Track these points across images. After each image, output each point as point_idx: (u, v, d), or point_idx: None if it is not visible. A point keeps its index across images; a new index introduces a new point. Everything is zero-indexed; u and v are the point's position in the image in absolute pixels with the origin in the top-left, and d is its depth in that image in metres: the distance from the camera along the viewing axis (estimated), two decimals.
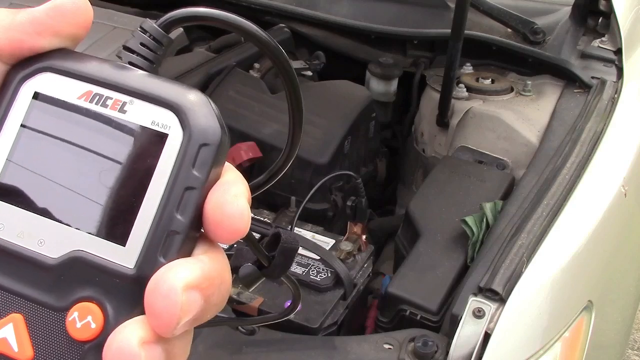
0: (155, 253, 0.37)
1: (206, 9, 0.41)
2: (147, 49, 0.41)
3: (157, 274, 0.36)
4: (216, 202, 0.37)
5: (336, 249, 1.33)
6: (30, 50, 0.40)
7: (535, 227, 1.19)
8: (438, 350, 1.05)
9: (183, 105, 0.38)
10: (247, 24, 0.41)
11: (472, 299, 1.06)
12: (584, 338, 1.19)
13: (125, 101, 0.39)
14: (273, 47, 0.41)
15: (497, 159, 1.60)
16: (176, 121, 0.38)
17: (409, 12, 1.97)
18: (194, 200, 0.37)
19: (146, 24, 0.41)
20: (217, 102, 1.29)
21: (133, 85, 0.39)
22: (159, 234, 0.37)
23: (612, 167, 1.43)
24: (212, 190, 0.38)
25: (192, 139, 0.38)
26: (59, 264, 0.38)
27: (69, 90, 0.40)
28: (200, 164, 0.38)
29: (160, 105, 0.39)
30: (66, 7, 0.39)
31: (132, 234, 0.38)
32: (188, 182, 0.37)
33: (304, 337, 1.14)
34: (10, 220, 0.39)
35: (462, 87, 1.71)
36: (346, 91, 1.75)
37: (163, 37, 0.42)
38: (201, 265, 0.37)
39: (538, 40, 1.77)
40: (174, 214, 0.37)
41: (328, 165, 1.55)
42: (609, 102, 1.57)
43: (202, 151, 0.38)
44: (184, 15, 0.42)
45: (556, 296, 1.17)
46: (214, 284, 0.37)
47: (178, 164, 0.38)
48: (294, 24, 1.97)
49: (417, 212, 1.42)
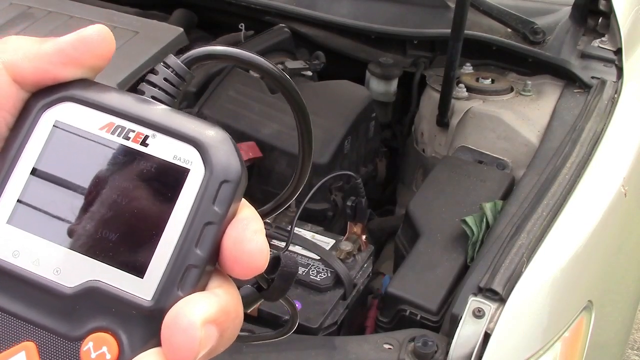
0: (174, 286, 0.37)
1: (228, 48, 0.42)
2: (170, 84, 0.42)
3: (175, 307, 0.36)
4: (235, 238, 0.38)
5: (336, 249, 1.33)
6: (53, 80, 0.40)
7: (535, 227, 1.19)
8: (438, 350, 1.05)
9: (205, 141, 0.39)
10: (262, 61, 0.42)
11: (472, 299, 1.06)
12: (584, 338, 1.19)
13: (148, 135, 0.39)
14: (288, 85, 0.42)
15: (497, 159, 1.60)
16: (198, 157, 0.39)
17: (409, 12, 1.97)
18: (213, 236, 0.38)
19: (170, 59, 0.42)
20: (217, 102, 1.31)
21: (156, 120, 0.39)
22: (177, 267, 0.37)
23: (612, 167, 1.43)
24: (230, 226, 0.38)
25: (213, 175, 0.38)
26: (75, 294, 0.38)
27: (90, 121, 0.40)
28: (221, 200, 0.38)
29: (182, 141, 0.39)
30: (92, 39, 0.40)
31: (151, 266, 0.38)
32: (208, 218, 0.38)
33: (304, 337, 1.14)
34: (27, 248, 0.39)
35: (462, 87, 1.71)
36: (346, 91, 1.75)
37: (186, 74, 0.42)
38: (217, 299, 0.37)
39: (538, 40, 1.77)
40: (193, 248, 0.38)
41: (328, 165, 1.55)
42: (609, 102, 1.57)
43: (223, 188, 0.38)
44: (206, 54, 0.42)
45: (556, 296, 1.17)
46: (229, 318, 0.38)
47: (199, 199, 0.38)
48: (294, 24, 1.97)
49: (417, 212, 1.42)
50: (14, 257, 0.39)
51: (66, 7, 2.00)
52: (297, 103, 0.43)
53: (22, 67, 0.40)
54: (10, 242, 0.39)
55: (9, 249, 0.39)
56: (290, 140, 1.56)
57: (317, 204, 1.54)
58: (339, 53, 1.96)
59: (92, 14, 1.96)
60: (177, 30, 1.92)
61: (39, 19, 1.95)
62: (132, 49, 1.77)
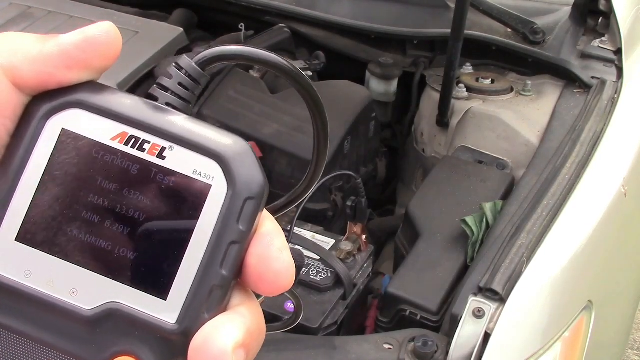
0: (199, 308, 0.36)
1: (243, 48, 0.39)
2: (184, 88, 0.39)
3: (203, 332, 0.35)
4: (261, 256, 0.37)
5: (336, 249, 1.33)
6: (57, 84, 0.37)
7: (535, 227, 1.19)
8: (438, 350, 1.05)
9: (227, 155, 0.37)
10: (277, 59, 0.39)
11: (472, 299, 1.06)
12: (584, 338, 1.19)
13: (165, 147, 0.37)
14: (304, 82, 0.40)
15: (497, 159, 1.60)
16: (220, 172, 0.36)
17: (409, 12, 1.97)
18: (238, 255, 0.36)
19: (183, 61, 0.39)
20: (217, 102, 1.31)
21: (173, 130, 0.37)
22: (202, 289, 0.36)
23: (612, 167, 1.43)
24: (254, 243, 0.37)
25: (237, 192, 0.36)
26: (94, 316, 0.36)
27: (101, 131, 0.37)
28: (245, 218, 0.36)
29: (202, 154, 0.37)
30: (99, 39, 0.37)
31: (174, 287, 0.36)
32: (232, 237, 0.36)
33: (304, 337, 1.14)
34: (39, 267, 0.36)
35: (462, 87, 1.71)
36: (346, 91, 1.75)
37: (201, 76, 0.39)
38: (244, 320, 0.36)
39: (538, 40, 1.77)
40: (218, 269, 0.36)
41: (328, 165, 1.55)
42: (609, 102, 1.57)
43: (247, 205, 0.36)
44: (221, 54, 0.39)
45: (556, 296, 1.17)
46: (256, 339, 0.37)
47: (222, 217, 0.36)
48: (294, 24, 1.97)
49: (417, 212, 1.42)
50: (25, 277, 0.36)
51: (66, 7, 2.00)
52: (313, 100, 0.41)
53: (23, 71, 0.37)
54: (21, 261, 0.36)
55: (19, 269, 0.36)
56: (290, 140, 1.56)
57: (317, 204, 1.54)
58: (339, 53, 1.95)
59: (92, 14, 1.96)
60: (177, 30, 1.92)
61: (39, 19, 1.95)
62: (132, 49, 1.77)
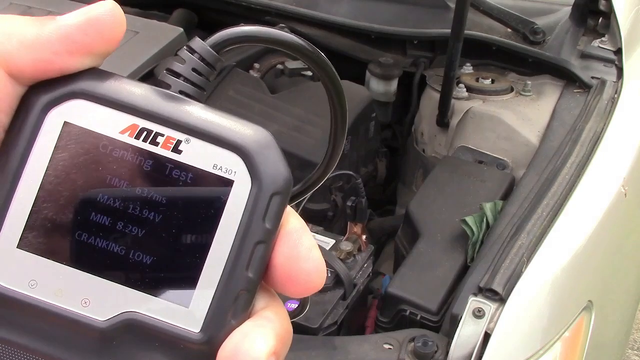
0: (225, 315, 0.33)
1: (260, 28, 0.36)
2: (198, 74, 0.35)
3: (232, 341, 0.32)
4: (289, 256, 0.34)
5: (336, 249, 1.33)
6: (58, 72, 0.33)
7: (535, 227, 1.19)
8: (438, 350, 1.05)
9: (250, 147, 0.34)
10: (295, 39, 0.37)
11: (472, 299, 1.06)
12: (584, 338, 1.19)
13: (180, 139, 0.33)
14: (323, 63, 0.38)
15: (497, 159, 1.60)
16: (243, 166, 0.33)
17: (409, 12, 1.97)
18: (264, 255, 0.33)
19: (196, 43, 0.35)
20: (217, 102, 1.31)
21: (188, 121, 0.33)
22: (228, 294, 0.33)
23: (612, 167, 1.43)
24: (281, 242, 0.34)
25: (263, 188, 0.33)
26: (110, 328, 0.33)
27: (108, 123, 0.33)
28: (272, 216, 0.33)
29: (222, 147, 0.33)
30: (104, 21, 0.33)
31: (197, 293, 0.33)
32: (259, 236, 0.33)
33: (304, 337, 1.14)
34: (45, 277, 0.33)
35: (462, 87, 1.71)
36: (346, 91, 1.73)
37: (216, 61, 0.36)
38: (272, 326, 0.33)
39: (538, 40, 1.77)
40: (244, 271, 0.33)
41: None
42: (609, 102, 1.57)
43: (273, 201, 0.33)
44: (238, 35, 0.36)
45: (556, 296, 1.17)
46: (286, 343, 0.34)
47: (247, 215, 0.33)
48: (294, 24, 1.97)
49: (417, 212, 1.42)
50: (30, 287, 0.33)
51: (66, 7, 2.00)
52: (331, 81, 0.38)
53: (19, 58, 0.32)
54: (25, 270, 0.33)
55: (23, 279, 0.33)
56: (290, 140, 1.56)
57: (317, 204, 1.54)
58: (339, 53, 1.96)
59: None
60: (177, 30, 1.92)
61: None
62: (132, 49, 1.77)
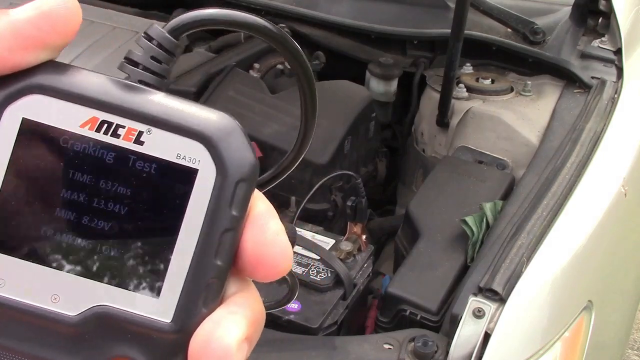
0: (196, 303, 0.33)
1: (219, 11, 0.36)
2: (157, 62, 0.35)
3: (204, 329, 0.33)
4: (256, 241, 0.34)
5: (336, 249, 1.33)
6: (11, 68, 0.33)
7: (535, 227, 1.19)
8: (438, 350, 1.05)
9: (213, 134, 0.33)
10: (257, 20, 0.36)
11: (472, 299, 1.06)
12: (584, 338, 1.19)
13: (142, 130, 0.33)
14: (290, 45, 0.38)
15: (497, 159, 1.60)
16: (207, 154, 0.33)
17: (409, 12, 1.97)
18: (232, 242, 0.34)
19: (153, 30, 0.35)
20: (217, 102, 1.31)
21: (149, 111, 0.33)
22: (197, 282, 0.33)
23: (612, 167, 1.43)
24: (248, 228, 0.34)
25: (228, 175, 0.33)
26: (81, 322, 0.33)
27: (67, 117, 0.33)
28: (238, 203, 0.33)
29: (185, 135, 0.33)
30: (57, 14, 0.32)
31: (166, 283, 0.33)
32: (226, 224, 0.33)
33: (304, 337, 1.14)
34: (12, 275, 0.33)
35: (462, 87, 1.71)
36: (346, 91, 1.75)
37: (175, 47, 0.35)
38: (244, 311, 0.34)
39: (538, 40, 1.77)
40: (213, 260, 0.33)
41: (328, 165, 1.55)
42: (609, 102, 1.57)
43: (239, 188, 0.33)
44: (195, 19, 0.35)
45: (556, 296, 1.17)
46: (257, 328, 0.35)
47: (213, 203, 0.33)
48: (294, 24, 1.97)
49: (417, 212, 1.42)
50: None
51: None
52: (300, 65, 0.38)
53: None
54: None
55: None
56: (290, 140, 1.56)
57: (317, 204, 1.54)
58: (339, 53, 1.96)
59: (92, 14, 1.96)
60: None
61: None
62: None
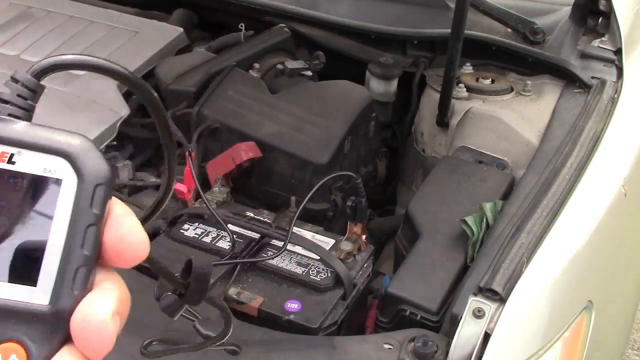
0: (68, 287, 0.40)
1: (75, 56, 0.43)
2: (23, 99, 0.42)
3: (80, 309, 0.39)
4: (115, 234, 0.41)
5: (336, 249, 1.33)
6: None
7: (535, 227, 1.19)
8: (438, 350, 1.05)
9: (72, 151, 0.41)
10: (111, 65, 0.43)
11: (472, 299, 1.06)
12: (584, 338, 1.19)
13: (13, 153, 0.40)
14: (143, 87, 0.45)
15: (497, 159, 1.60)
16: (68, 166, 0.41)
17: (409, 12, 1.97)
18: (96, 234, 0.41)
19: (19, 74, 0.43)
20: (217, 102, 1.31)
21: (18, 137, 0.41)
22: (68, 270, 0.40)
23: (612, 167, 1.43)
24: (108, 224, 0.41)
25: (86, 181, 0.41)
26: None
27: None
28: (97, 202, 0.41)
29: (49, 153, 0.41)
30: None
31: (42, 273, 0.40)
32: (89, 220, 0.40)
33: (304, 337, 1.14)
34: None
35: (462, 87, 1.71)
36: (346, 91, 1.75)
37: (37, 86, 0.43)
38: (112, 293, 0.41)
39: (538, 40, 1.77)
40: (80, 250, 0.40)
41: (328, 165, 1.55)
42: (609, 102, 1.57)
43: (97, 191, 0.41)
44: (53, 64, 0.43)
45: (556, 296, 1.17)
46: (126, 305, 0.41)
47: (77, 204, 0.40)
48: (294, 24, 1.97)
49: (417, 212, 1.42)
50: None
51: (66, 7, 2.00)
52: (154, 108, 0.45)
53: None
54: None
55: None
56: (290, 140, 1.56)
57: (317, 204, 1.54)
58: (339, 53, 1.96)
59: (92, 14, 1.96)
60: (177, 30, 1.92)
61: (39, 19, 1.95)
62: (132, 49, 1.77)
